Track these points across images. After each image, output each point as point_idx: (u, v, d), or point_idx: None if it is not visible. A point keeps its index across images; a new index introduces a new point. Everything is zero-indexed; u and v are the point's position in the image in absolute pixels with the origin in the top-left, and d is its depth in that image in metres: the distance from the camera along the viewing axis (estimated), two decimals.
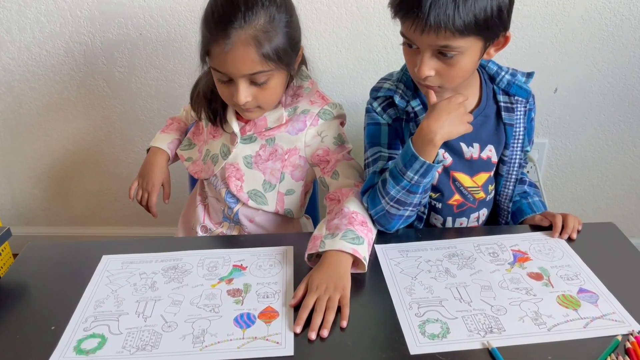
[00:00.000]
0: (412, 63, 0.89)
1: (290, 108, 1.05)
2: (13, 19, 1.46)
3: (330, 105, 1.06)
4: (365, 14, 1.43)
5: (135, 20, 1.46)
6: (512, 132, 1.01)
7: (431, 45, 0.84)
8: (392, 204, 0.93)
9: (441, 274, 0.87)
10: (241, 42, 0.89)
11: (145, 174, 1.17)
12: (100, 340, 0.74)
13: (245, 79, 0.94)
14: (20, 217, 1.82)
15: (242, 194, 1.07)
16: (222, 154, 1.09)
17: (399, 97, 0.98)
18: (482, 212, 1.08)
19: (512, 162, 1.04)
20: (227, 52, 0.90)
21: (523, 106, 1.02)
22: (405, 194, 0.91)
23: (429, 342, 0.73)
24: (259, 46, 0.90)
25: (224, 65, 0.92)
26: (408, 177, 0.89)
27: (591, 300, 0.81)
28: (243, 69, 0.92)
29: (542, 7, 1.43)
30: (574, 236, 0.96)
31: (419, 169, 0.88)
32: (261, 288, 0.84)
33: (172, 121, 1.26)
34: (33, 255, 0.94)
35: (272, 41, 0.91)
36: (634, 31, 1.46)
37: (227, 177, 1.08)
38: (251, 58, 0.91)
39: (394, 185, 0.91)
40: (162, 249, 0.95)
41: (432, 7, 0.79)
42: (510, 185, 1.06)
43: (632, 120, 1.60)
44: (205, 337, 0.74)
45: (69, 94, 1.58)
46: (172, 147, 1.20)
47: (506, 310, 0.79)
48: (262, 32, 0.90)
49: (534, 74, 1.03)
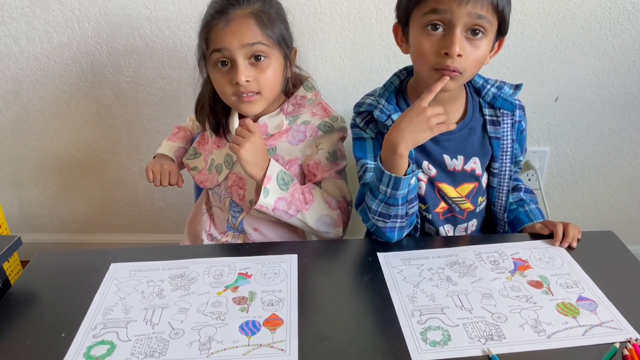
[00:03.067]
0: (435, 47, 0.88)
1: (291, 117, 1.07)
2: (22, 30, 1.49)
3: (331, 118, 1.08)
4: (368, 24, 1.45)
5: (142, 31, 1.48)
6: (500, 145, 1.03)
7: (470, 14, 0.85)
8: (377, 218, 0.95)
9: (443, 282, 0.88)
10: (240, 16, 0.96)
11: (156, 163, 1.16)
12: (109, 347, 0.76)
13: (245, 52, 0.96)
14: (27, 224, 1.84)
15: (245, 202, 1.09)
16: (226, 163, 1.11)
17: (379, 112, 1.00)
18: (471, 223, 1.09)
19: (502, 174, 1.05)
20: (226, 26, 0.95)
21: (510, 119, 1.03)
22: (385, 206, 0.93)
23: (431, 349, 0.74)
24: (258, 20, 0.96)
25: (223, 39, 0.96)
26: (382, 191, 0.91)
27: (590, 308, 0.82)
28: (242, 38, 0.95)
29: (543, 18, 1.45)
30: (574, 245, 0.97)
31: (388, 182, 0.90)
32: (266, 296, 0.86)
33: (178, 130, 1.28)
34: (42, 264, 0.96)
35: (270, 20, 0.98)
36: (634, 41, 1.47)
37: (230, 186, 1.10)
38: (251, 29, 0.96)
39: (373, 199, 0.94)
40: (169, 257, 0.96)
41: None
42: (503, 196, 1.07)
43: (632, 128, 1.61)
44: (212, 344, 0.76)
45: (76, 103, 1.60)
46: (177, 155, 1.22)
47: (506, 317, 0.80)
48: (260, 11, 0.97)
49: (522, 86, 1.04)
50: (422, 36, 0.90)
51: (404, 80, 1.05)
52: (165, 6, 1.44)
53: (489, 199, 1.09)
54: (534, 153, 1.65)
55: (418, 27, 0.90)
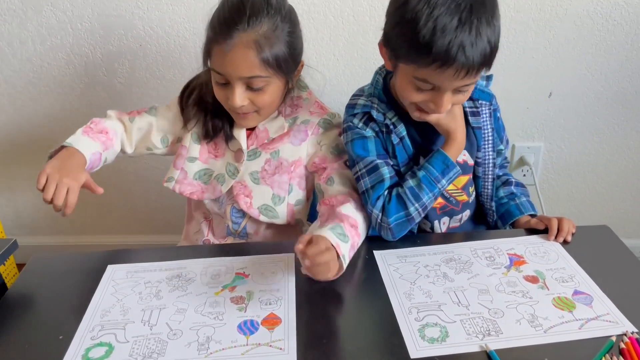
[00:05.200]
0: (422, 99, 0.91)
1: (290, 118, 1.07)
2: (14, 32, 1.48)
3: (329, 114, 1.08)
4: (362, 22, 1.45)
5: (135, 32, 1.48)
6: (482, 135, 1.06)
7: (460, 83, 0.86)
8: (420, 210, 0.96)
9: (439, 279, 0.89)
10: (242, 44, 0.91)
11: (61, 167, 0.93)
12: (107, 348, 0.76)
13: (242, 82, 0.95)
14: (23, 227, 1.83)
15: (253, 210, 1.07)
16: (229, 173, 1.08)
17: (376, 112, 1.01)
18: (465, 213, 1.11)
19: (486, 162, 1.08)
20: (227, 53, 0.91)
21: (487, 108, 1.07)
22: (433, 200, 0.97)
23: (429, 346, 0.74)
24: (259, 50, 0.92)
25: (222, 66, 0.94)
26: (441, 185, 0.96)
27: (586, 302, 0.82)
28: (240, 71, 0.93)
29: (536, 14, 1.45)
30: (569, 239, 0.98)
31: (452, 176, 0.97)
32: (263, 295, 0.86)
33: (100, 128, 1.07)
34: (39, 266, 0.96)
35: (273, 48, 0.93)
36: (626, 36, 1.48)
37: (236, 196, 1.07)
38: (250, 61, 0.92)
39: (427, 192, 0.95)
40: (166, 257, 0.96)
41: (476, 50, 0.82)
42: (489, 185, 1.09)
43: (625, 123, 1.62)
44: (210, 344, 0.76)
45: (70, 105, 1.59)
46: (93, 159, 1.02)
47: (503, 313, 0.80)
48: (264, 38, 0.92)
49: (493, 77, 1.08)
50: (409, 88, 0.90)
51: (385, 77, 1.06)
52: (158, 7, 1.44)
53: (476, 189, 1.11)
54: (529, 149, 1.66)
55: (406, 78, 0.90)
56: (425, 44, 0.81)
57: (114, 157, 1.12)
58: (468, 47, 0.80)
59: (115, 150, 1.11)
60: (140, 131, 1.13)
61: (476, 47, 0.81)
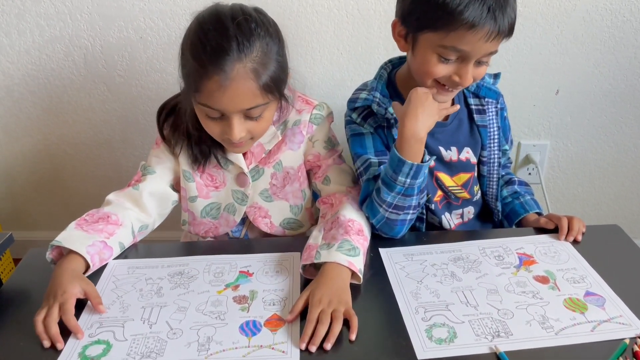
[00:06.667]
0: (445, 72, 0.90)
1: (280, 124, 1.01)
2: (12, 22, 1.45)
3: (317, 107, 1.04)
4: (367, 16, 1.43)
5: (136, 24, 1.45)
6: (487, 133, 1.05)
7: (486, 51, 0.87)
8: (390, 210, 0.93)
9: (447, 278, 0.87)
10: (240, 76, 0.83)
11: (55, 289, 0.80)
12: (105, 346, 0.74)
13: (241, 114, 0.87)
14: (20, 221, 1.81)
15: (277, 229, 1.05)
16: (238, 200, 1.04)
17: (377, 105, 0.99)
18: (467, 209, 1.09)
19: (492, 162, 1.07)
20: (226, 88, 0.82)
21: (494, 107, 1.06)
22: (402, 198, 0.91)
23: (436, 347, 0.72)
24: (258, 78, 0.84)
25: (219, 102, 0.85)
26: (400, 182, 0.90)
27: (598, 303, 0.80)
28: (241, 104, 0.86)
29: (544, 9, 1.43)
30: (579, 239, 0.96)
31: (408, 172, 0.89)
32: (267, 295, 0.84)
33: (98, 217, 0.96)
34: (35, 262, 0.93)
35: (269, 71, 0.86)
36: (635, 32, 1.46)
37: (254, 220, 1.05)
38: (252, 92, 0.85)
39: (388, 193, 0.91)
40: (169, 254, 0.95)
41: (503, 14, 0.85)
42: (494, 184, 1.08)
43: (633, 121, 1.60)
44: (211, 345, 0.74)
45: (69, 98, 1.57)
46: (92, 251, 0.88)
47: (513, 314, 0.78)
48: (260, 64, 0.84)
49: (501, 75, 1.07)
50: (433, 61, 0.90)
51: (390, 72, 1.05)
52: None
53: (481, 189, 1.10)
54: (535, 147, 1.64)
55: (429, 50, 0.89)
56: (457, 4, 0.83)
57: (133, 237, 0.98)
58: (498, 11, 0.84)
59: (133, 229, 0.97)
60: (153, 196, 1.03)
61: (505, 13, 0.85)
